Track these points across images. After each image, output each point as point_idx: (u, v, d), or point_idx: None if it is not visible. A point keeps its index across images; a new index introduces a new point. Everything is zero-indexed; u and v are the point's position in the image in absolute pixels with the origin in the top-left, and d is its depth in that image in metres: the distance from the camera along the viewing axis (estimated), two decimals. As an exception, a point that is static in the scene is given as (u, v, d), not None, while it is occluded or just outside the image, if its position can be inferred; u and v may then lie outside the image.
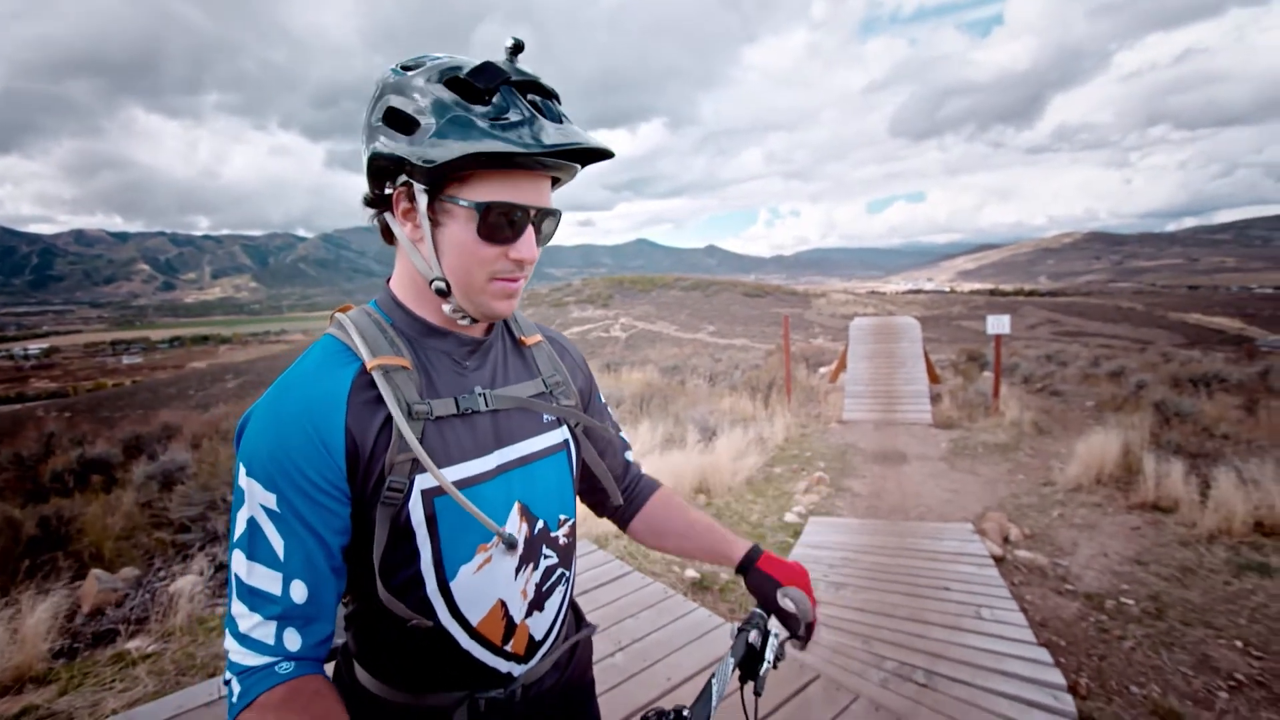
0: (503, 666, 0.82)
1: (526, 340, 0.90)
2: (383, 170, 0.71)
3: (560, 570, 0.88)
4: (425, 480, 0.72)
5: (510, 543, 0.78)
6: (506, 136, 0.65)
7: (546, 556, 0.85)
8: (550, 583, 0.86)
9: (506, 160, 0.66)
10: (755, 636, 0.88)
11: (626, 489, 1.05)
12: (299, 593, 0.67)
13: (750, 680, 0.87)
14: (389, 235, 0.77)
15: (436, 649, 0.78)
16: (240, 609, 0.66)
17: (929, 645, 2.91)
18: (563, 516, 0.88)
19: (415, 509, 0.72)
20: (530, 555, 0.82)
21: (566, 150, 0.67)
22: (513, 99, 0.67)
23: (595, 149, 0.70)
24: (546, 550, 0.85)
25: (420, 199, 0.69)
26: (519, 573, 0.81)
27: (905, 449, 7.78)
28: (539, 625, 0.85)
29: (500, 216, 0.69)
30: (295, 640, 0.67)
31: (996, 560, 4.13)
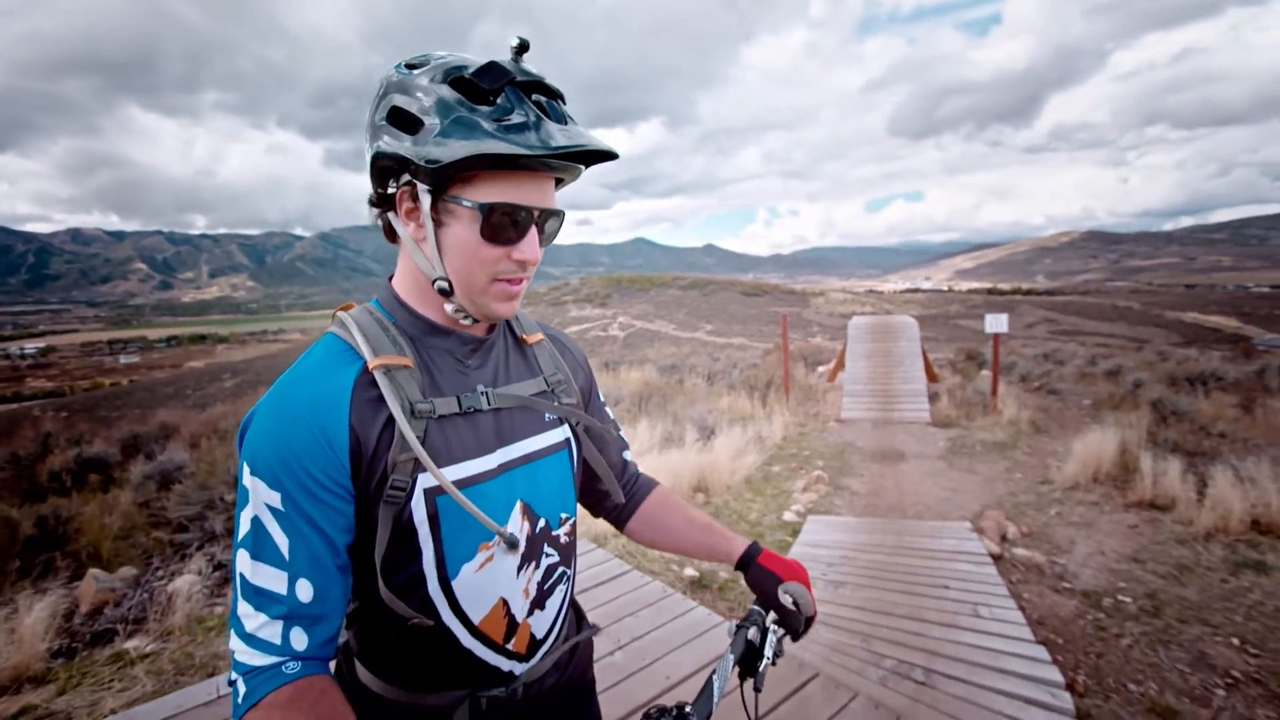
0: (504, 665, 0.82)
1: (528, 338, 0.91)
2: (386, 169, 0.71)
3: (561, 569, 0.88)
4: (428, 479, 0.72)
5: (512, 542, 0.78)
6: (511, 138, 0.64)
7: (548, 555, 0.85)
8: (552, 581, 0.87)
9: (511, 162, 0.66)
10: (754, 633, 0.89)
11: (625, 488, 1.05)
12: (305, 592, 0.67)
13: (750, 677, 0.87)
14: (392, 234, 0.76)
15: (438, 648, 0.78)
16: (246, 609, 0.66)
17: (927, 643, 2.92)
18: (564, 515, 0.88)
19: (418, 508, 0.72)
20: (532, 554, 0.82)
21: (571, 152, 0.67)
22: (517, 99, 0.67)
23: (600, 150, 0.70)
24: (548, 549, 0.85)
25: (424, 199, 0.69)
26: (521, 571, 0.81)
27: (903, 448, 7.79)
28: (540, 624, 0.85)
29: (504, 217, 0.69)
30: (302, 640, 0.66)
31: (994, 558, 4.14)
